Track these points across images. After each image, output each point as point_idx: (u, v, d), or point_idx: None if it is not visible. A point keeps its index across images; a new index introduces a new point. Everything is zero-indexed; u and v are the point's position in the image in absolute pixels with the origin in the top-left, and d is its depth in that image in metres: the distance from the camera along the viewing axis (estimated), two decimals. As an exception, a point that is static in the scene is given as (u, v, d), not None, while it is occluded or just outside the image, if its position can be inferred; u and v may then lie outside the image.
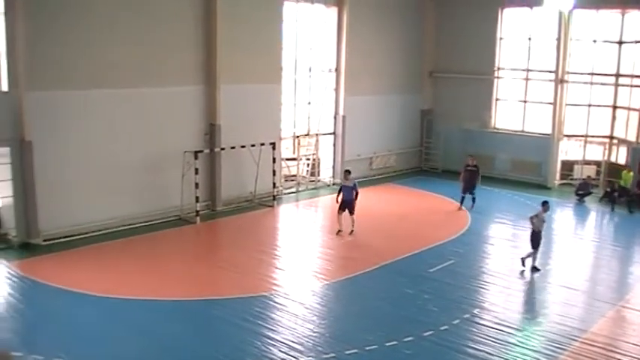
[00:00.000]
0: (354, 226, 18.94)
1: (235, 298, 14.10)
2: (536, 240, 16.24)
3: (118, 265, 16.10)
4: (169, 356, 11.57)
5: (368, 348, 11.80)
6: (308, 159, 25.79)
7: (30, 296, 14.14)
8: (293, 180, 24.88)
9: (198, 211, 19.94)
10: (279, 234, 20.54)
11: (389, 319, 13.40)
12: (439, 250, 17.91)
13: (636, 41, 24.87)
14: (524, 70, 27.32)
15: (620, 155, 25.65)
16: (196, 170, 19.70)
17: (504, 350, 11.93)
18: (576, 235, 21.07)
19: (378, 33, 26.87)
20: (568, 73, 26.19)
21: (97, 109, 18.23)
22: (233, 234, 19.69)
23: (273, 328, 12.67)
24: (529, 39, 27.02)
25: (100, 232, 18.17)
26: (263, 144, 21.69)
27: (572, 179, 26.30)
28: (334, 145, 26.14)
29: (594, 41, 25.84)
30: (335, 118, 26.07)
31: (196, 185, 19.79)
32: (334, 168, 25.93)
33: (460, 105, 28.66)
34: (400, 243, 18.46)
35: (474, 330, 12.80)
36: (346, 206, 18.80)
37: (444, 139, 29.08)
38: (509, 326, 12.99)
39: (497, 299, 14.71)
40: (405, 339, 12.20)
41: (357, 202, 18.96)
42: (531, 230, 16.40)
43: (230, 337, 12.27)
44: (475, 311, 13.70)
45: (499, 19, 27.63)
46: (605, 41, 25.67)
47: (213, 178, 21.22)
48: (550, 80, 26.32)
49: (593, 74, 25.95)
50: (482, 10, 27.66)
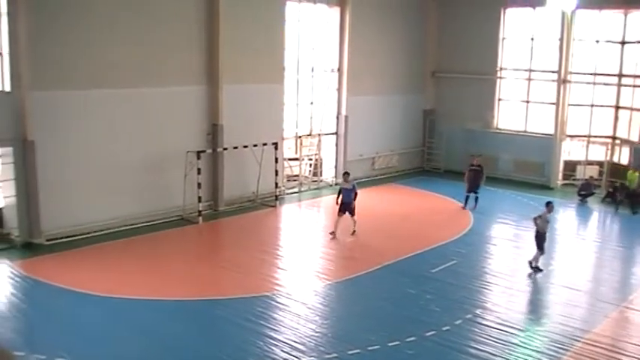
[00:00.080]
0: (355, 227, 18.96)
1: (238, 298, 14.10)
2: (540, 241, 16.22)
3: (120, 265, 16.11)
4: (171, 356, 11.58)
5: (370, 348, 11.79)
6: (310, 159, 25.78)
7: (32, 296, 14.15)
8: (295, 180, 24.88)
9: (200, 211, 19.95)
10: (281, 234, 20.54)
11: (391, 319, 13.40)
12: (441, 251, 17.89)
13: (639, 41, 24.84)
14: (526, 71, 27.29)
15: (623, 155, 25.61)
16: (199, 170, 19.72)
17: (507, 351, 11.92)
18: (579, 236, 21.04)
19: (380, 33, 26.86)
20: (571, 73, 26.17)
21: (99, 109, 18.24)
22: (235, 234, 19.69)
23: (275, 328, 12.67)
24: (532, 39, 26.98)
25: (103, 232, 18.18)
26: (265, 144, 21.69)
27: (574, 179, 26.26)
28: (336, 145, 26.13)
29: (597, 41, 25.80)
30: (337, 118, 26.07)
31: (199, 185, 19.81)
32: (336, 168, 25.92)
33: (463, 105, 28.64)
34: (402, 243, 18.45)
35: (476, 330, 12.79)
36: (346, 208, 18.77)
37: (446, 139, 29.06)
38: (511, 327, 12.98)
39: (499, 299, 14.69)
40: (408, 339, 12.19)
41: (356, 203, 18.88)
42: (535, 231, 16.38)
43: (232, 337, 12.27)
44: (477, 311, 13.69)
45: (502, 19, 27.60)
46: (608, 41, 25.63)
47: (215, 178, 21.23)
48: (553, 80, 26.30)
49: (595, 74, 25.91)
50: (484, 10, 27.63)
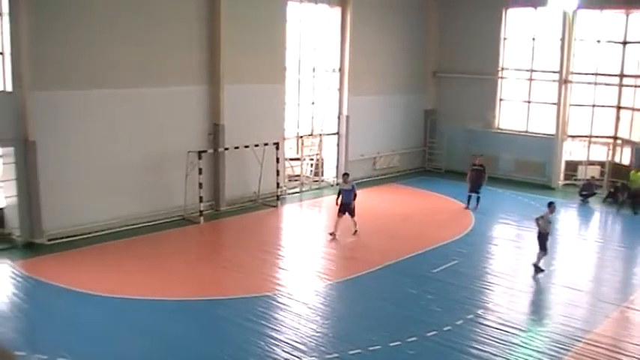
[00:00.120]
0: (356, 227, 18.96)
1: (239, 298, 14.10)
2: (543, 241, 16.20)
3: (121, 265, 16.12)
4: (173, 356, 11.57)
5: (371, 348, 11.79)
6: (312, 159, 25.78)
7: (34, 296, 14.16)
8: (297, 180, 24.88)
9: (201, 211, 19.96)
10: (282, 234, 20.54)
11: (392, 319, 13.39)
12: (443, 251, 17.88)
13: (640, 41, 24.87)
14: (528, 71, 27.27)
15: (625, 156, 25.59)
16: (200, 170, 19.72)
17: (508, 351, 11.91)
18: (580, 236, 21.02)
19: (381, 33, 26.85)
20: (572, 73, 26.14)
21: (100, 109, 18.25)
22: (237, 234, 19.70)
23: (276, 328, 12.67)
24: (533, 39, 26.96)
25: (104, 232, 18.18)
26: (267, 144, 21.68)
27: (576, 180, 26.24)
28: (338, 145, 26.13)
29: (598, 41, 25.79)
30: (338, 118, 26.07)
31: (200, 185, 19.81)
32: (338, 168, 25.91)
33: (464, 105, 28.62)
34: (404, 243, 18.44)
35: (477, 330, 12.78)
36: (345, 209, 18.73)
37: (447, 139, 29.04)
38: (512, 327, 12.97)
39: (500, 300, 14.68)
40: (409, 339, 12.18)
41: (356, 203, 18.81)
42: (538, 232, 16.35)
43: (233, 337, 12.27)
44: (479, 312, 13.68)
45: (503, 19, 27.57)
46: (609, 41, 25.62)
47: (216, 178, 21.23)
48: (554, 80, 26.28)
49: (597, 74, 25.89)
50: (486, 10, 27.62)
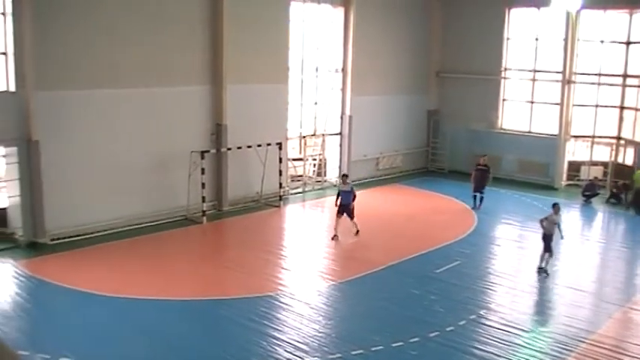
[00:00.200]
0: (357, 227, 18.80)
1: (241, 298, 14.11)
2: (548, 243, 16.13)
3: (124, 265, 16.14)
4: (175, 356, 11.59)
5: (374, 348, 11.78)
6: (314, 159, 25.78)
7: (37, 295, 14.20)
8: (299, 180, 24.87)
9: (204, 211, 19.96)
10: (285, 234, 20.55)
11: (395, 319, 13.39)
12: (445, 251, 17.88)
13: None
14: (531, 71, 27.23)
15: (628, 156, 25.54)
16: (203, 170, 19.72)
17: (511, 351, 11.90)
18: (583, 237, 20.98)
19: (384, 33, 26.84)
20: (575, 73, 26.11)
21: (104, 109, 18.28)
22: (239, 234, 19.71)
23: (278, 328, 12.68)
24: (536, 39, 26.93)
25: (107, 232, 18.20)
26: (269, 144, 21.68)
27: (579, 180, 26.20)
28: (340, 146, 26.13)
29: (602, 42, 25.76)
30: (341, 118, 26.05)
31: (203, 185, 19.81)
32: (340, 168, 25.89)
33: (467, 105, 28.60)
34: (406, 243, 18.43)
35: (480, 331, 12.78)
36: (344, 210, 18.57)
37: (450, 139, 29.02)
38: (515, 327, 12.96)
39: (503, 300, 14.68)
40: (411, 340, 12.18)
41: (355, 204, 18.61)
42: (542, 234, 16.31)
43: (236, 336, 12.28)
44: (481, 312, 13.68)
45: (506, 19, 27.55)
46: (613, 42, 25.59)
47: (219, 178, 21.25)
48: (557, 81, 26.24)
49: (600, 75, 25.87)
50: (489, 10, 27.61)
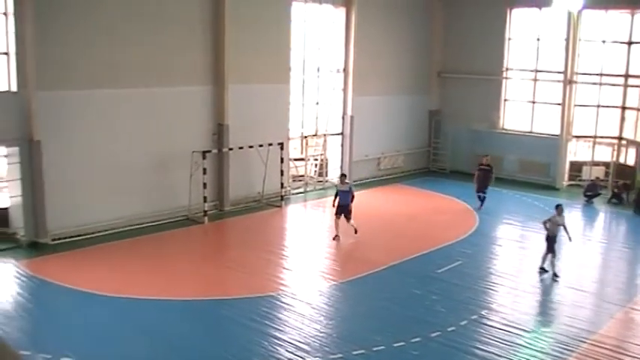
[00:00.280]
0: (355, 226, 18.53)
1: (243, 298, 14.11)
2: (550, 244, 16.09)
3: (125, 265, 16.15)
4: (177, 356, 11.59)
5: (375, 348, 11.78)
6: (316, 159, 25.78)
7: (38, 295, 14.21)
8: (301, 180, 24.88)
9: (206, 211, 19.96)
10: (286, 234, 20.55)
11: (396, 319, 13.39)
12: (447, 251, 17.87)
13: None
14: (532, 71, 27.22)
15: (629, 156, 25.52)
16: (204, 170, 19.72)
17: (512, 351, 11.90)
18: (584, 237, 20.92)
19: (386, 33, 26.84)
20: (577, 73, 26.10)
21: (105, 109, 18.29)
22: (241, 234, 19.71)
23: (280, 328, 12.68)
24: (538, 39, 26.91)
25: (108, 232, 18.20)
26: (271, 144, 21.69)
27: (580, 180, 26.18)
28: (342, 146, 26.13)
29: (603, 42, 25.74)
30: (343, 118, 26.05)
31: (204, 185, 19.81)
32: (342, 168, 25.87)
33: (468, 105, 28.58)
34: (408, 243, 18.43)
35: (481, 331, 12.77)
36: (342, 210, 18.40)
37: (452, 139, 29.00)
38: (517, 327, 12.95)
39: (505, 300, 14.67)
40: (413, 340, 12.18)
41: (353, 205, 18.37)
42: (546, 235, 16.28)
43: (237, 336, 12.29)
44: (483, 312, 13.67)
45: (507, 19, 27.54)
46: (614, 42, 25.57)
47: (221, 178, 21.25)
48: (559, 81, 26.23)
49: (602, 75, 25.85)
50: (490, 11, 27.59)
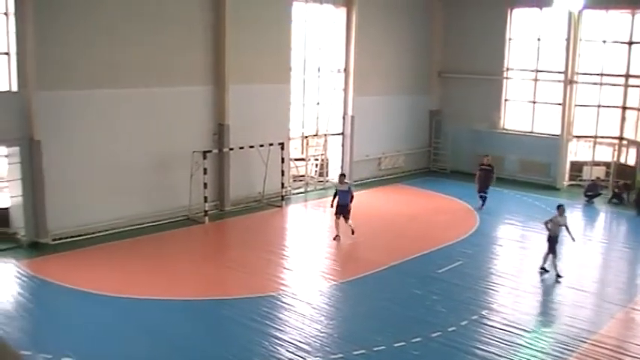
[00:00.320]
0: (352, 226, 18.43)
1: (243, 298, 14.11)
2: (552, 244, 16.05)
3: (126, 265, 16.15)
4: (177, 355, 11.60)
5: (376, 349, 11.78)
6: (316, 159, 25.78)
7: (39, 295, 14.21)
8: (301, 180, 24.88)
9: (206, 211, 19.96)
10: (287, 234, 20.55)
11: (397, 319, 13.38)
12: (448, 251, 17.86)
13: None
14: (533, 71, 27.21)
15: (630, 156, 25.51)
16: (205, 170, 19.72)
17: (512, 352, 11.90)
18: (585, 237, 20.89)
19: (386, 33, 26.84)
20: (577, 73, 26.08)
21: (106, 109, 18.29)
22: (241, 234, 19.71)
23: (280, 328, 12.68)
24: (538, 39, 26.90)
25: (109, 232, 18.20)
26: (271, 144, 21.69)
27: (581, 180, 26.17)
28: (343, 146, 26.13)
29: (604, 42, 25.72)
30: (343, 118, 26.05)
31: (205, 185, 19.81)
32: (342, 168, 25.87)
33: (469, 105, 28.57)
34: (408, 244, 18.42)
35: (482, 331, 12.77)
36: (342, 210, 18.36)
37: (452, 139, 28.99)
38: (517, 327, 12.95)
39: (505, 300, 14.67)
40: (413, 340, 12.18)
41: (352, 206, 18.30)
42: (548, 235, 16.23)
43: (238, 337, 12.29)
44: (483, 312, 13.67)
45: (508, 19, 27.53)
46: (615, 42, 25.55)
47: (221, 178, 21.25)
48: (559, 81, 26.22)
49: (602, 75, 25.84)
50: (491, 11, 27.58)
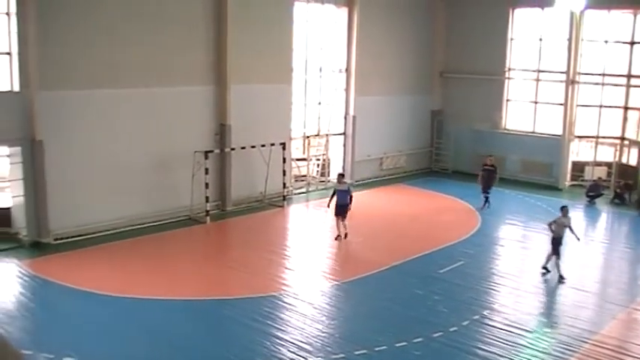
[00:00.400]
0: (347, 229, 18.40)
1: (245, 298, 14.12)
2: (555, 246, 16.01)
3: (127, 265, 16.17)
4: (178, 355, 11.60)
5: (377, 349, 11.78)
6: (318, 159, 25.79)
7: (40, 295, 14.22)
8: (303, 180, 24.89)
9: (208, 211, 19.98)
10: (288, 234, 20.56)
11: (398, 319, 13.38)
12: (449, 251, 17.86)
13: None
14: (535, 71, 27.19)
15: (632, 156, 25.47)
16: (206, 170, 19.75)
17: (514, 352, 11.89)
18: (587, 237, 20.84)
19: (388, 33, 26.83)
20: (579, 73, 26.06)
21: (108, 109, 18.30)
22: (243, 234, 19.72)
23: (282, 328, 12.68)
24: (540, 39, 26.88)
25: (110, 232, 18.21)
26: (273, 144, 21.70)
27: (582, 180, 26.15)
28: (344, 146, 26.13)
29: (606, 42, 25.69)
30: (345, 118, 26.06)
31: (206, 185, 19.83)
32: (344, 168, 25.89)
33: (471, 106, 28.56)
34: (410, 244, 18.43)
35: (483, 331, 12.76)
36: (341, 210, 18.33)
37: (454, 139, 28.98)
38: (519, 328, 12.94)
39: (507, 300, 14.66)
40: (415, 340, 12.17)
41: (352, 207, 18.21)
42: (551, 237, 16.21)
43: (239, 337, 12.29)
44: (485, 312, 13.67)
45: (510, 19, 27.51)
46: (617, 42, 25.52)
47: (223, 178, 21.27)
48: (561, 81, 26.19)
49: (604, 75, 25.80)
50: (493, 10, 27.56)
